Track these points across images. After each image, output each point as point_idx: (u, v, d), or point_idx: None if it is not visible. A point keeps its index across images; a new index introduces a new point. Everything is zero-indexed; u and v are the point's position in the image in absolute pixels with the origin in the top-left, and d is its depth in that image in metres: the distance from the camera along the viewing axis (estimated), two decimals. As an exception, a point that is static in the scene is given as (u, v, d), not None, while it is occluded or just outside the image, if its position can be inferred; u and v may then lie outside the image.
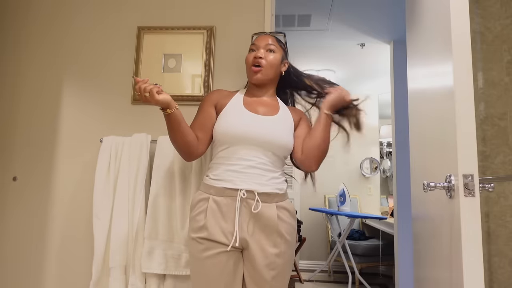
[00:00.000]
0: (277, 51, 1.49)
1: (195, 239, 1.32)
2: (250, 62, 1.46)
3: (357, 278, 3.98)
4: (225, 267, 1.29)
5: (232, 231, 1.29)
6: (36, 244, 1.87)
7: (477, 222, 1.03)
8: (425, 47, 1.48)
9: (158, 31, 1.95)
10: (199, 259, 1.30)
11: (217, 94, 1.51)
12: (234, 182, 1.33)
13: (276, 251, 1.31)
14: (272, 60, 1.46)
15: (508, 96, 1.95)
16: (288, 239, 1.35)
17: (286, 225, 1.35)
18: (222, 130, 1.38)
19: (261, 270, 1.29)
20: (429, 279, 1.41)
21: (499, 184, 1.90)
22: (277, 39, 1.53)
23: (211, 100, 1.49)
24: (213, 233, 1.29)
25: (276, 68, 1.48)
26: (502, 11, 2.01)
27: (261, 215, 1.32)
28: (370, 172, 5.03)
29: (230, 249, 1.29)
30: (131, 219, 1.69)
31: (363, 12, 2.88)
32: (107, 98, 1.94)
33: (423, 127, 1.53)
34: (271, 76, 1.48)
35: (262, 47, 1.47)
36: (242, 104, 1.45)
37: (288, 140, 1.40)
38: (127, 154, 1.75)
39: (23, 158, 1.94)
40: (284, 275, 1.34)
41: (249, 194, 1.32)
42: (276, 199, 1.36)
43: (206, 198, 1.35)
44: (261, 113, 1.43)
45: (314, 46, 3.58)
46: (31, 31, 2.04)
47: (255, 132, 1.35)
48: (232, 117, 1.39)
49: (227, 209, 1.31)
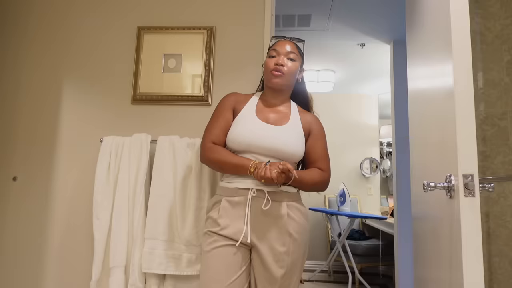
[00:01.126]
0: (297, 59, 1.49)
1: (206, 232, 1.39)
2: (271, 67, 1.46)
3: (357, 278, 3.98)
4: (230, 260, 1.31)
5: (242, 229, 1.33)
6: (36, 244, 1.87)
7: (477, 222, 1.03)
8: (425, 47, 1.48)
9: (158, 31, 1.95)
10: (206, 252, 1.35)
11: (234, 97, 1.53)
12: (246, 182, 1.37)
13: (284, 249, 1.33)
14: (292, 68, 1.47)
15: (508, 96, 1.95)
16: (297, 238, 1.36)
17: (296, 224, 1.37)
18: (231, 138, 1.42)
19: (270, 267, 1.32)
20: (429, 279, 1.41)
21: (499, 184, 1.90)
22: (296, 46, 1.52)
23: (229, 105, 1.51)
24: (224, 228, 1.34)
25: (294, 76, 1.50)
26: (502, 11, 2.01)
27: (271, 213, 1.35)
28: (370, 172, 5.03)
29: (239, 245, 1.33)
30: (131, 219, 1.70)
31: (363, 12, 2.88)
32: (107, 98, 1.95)
33: (423, 127, 1.53)
34: (289, 83, 1.49)
35: (284, 54, 1.47)
36: (254, 111, 1.48)
37: (295, 149, 1.41)
38: (127, 154, 1.75)
39: (23, 158, 1.94)
40: (293, 274, 1.35)
41: (259, 193, 1.36)
42: (287, 198, 1.38)
43: (219, 199, 1.41)
44: (271, 122, 1.45)
45: (314, 46, 3.58)
46: (32, 32, 2.04)
47: (263, 141, 1.38)
48: (242, 125, 1.42)
49: (239, 208, 1.36)
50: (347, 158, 5.08)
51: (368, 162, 5.06)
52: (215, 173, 1.71)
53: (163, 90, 1.91)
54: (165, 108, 1.91)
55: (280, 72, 1.45)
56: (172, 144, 1.73)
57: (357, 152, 5.10)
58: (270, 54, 1.50)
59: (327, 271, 4.57)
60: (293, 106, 1.54)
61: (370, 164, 5.05)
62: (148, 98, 1.90)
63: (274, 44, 1.53)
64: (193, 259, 1.62)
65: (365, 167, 5.05)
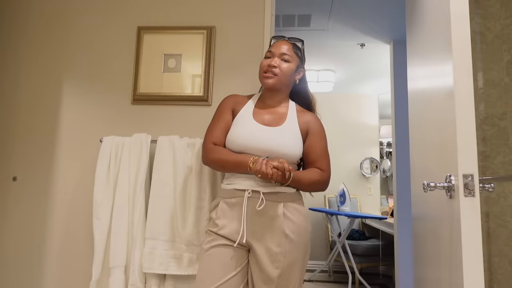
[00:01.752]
0: (292, 60, 1.49)
1: (207, 231, 1.43)
2: (263, 69, 1.47)
3: (357, 278, 3.98)
4: (226, 260, 1.33)
5: (239, 229, 1.34)
6: (36, 244, 1.87)
7: (477, 222, 1.02)
8: (425, 47, 1.48)
9: (158, 31, 1.95)
10: (205, 250, 1.38)
11: (233, 99, 1.55)
12: (242, 184, 1.39)
13: (280, 249, 1.33)
14: (285, 69, 1.47)
15: (508, 96, 1.95)
16: (294, 239, 1.35)
17: (293, 224, 1.36)
18: (230, 140, 1.44)
19: (266, 268, 1.32)
20: (429, 279, 1.41)
21: (499, 184, 1.90)
22: (294, 46, 1.52)
23: (229, 106, 1.53)
24: (222, 229, 1.36)
25: (289, 77, 1.49)
26: (502, 11, 2.01)
27: (266, 214, 1.35)
28: (370, 172, 5.03)
29: (237, 245, 1.35)
30: (131, 219, 1.70)
31: (363, 12, 2.88)
32: (107, 98, 1.95)
33: (423, 127, 1.53)
34: (283, 84, 1.49)
35: (277, 56, 1.48)
36: (251, 113, 1.48)
37: (291, 150, 1.41)
38: (127, 154, 1.75)
39: (23, 158, 1.94)
40: (291, 276, 1.34)
41: (256, 193, 1.36)
42: (285, 199, 1.38)
43: (219, 201, 1.44)
44: (267, 123, 1.46)
45: (314, 46, 3.58)
46: (32, 32, 2.04)
47: (259, 142, 1.39)
48: (239, 127, 1.44)
49: (236, 209, 1.38)
50: (347, 158, 5.08)
51: (368, 162, 5.06)
52: (215, 173, 1.71)
53: (163, 90, 1.91)
54: (165, 108, 1.91)
55: (272, 74, 1.45)
56: (172, 144, 1.73)
57: (357, 152, 5.10)
58: (266, 55, 1.51)
59: (327, 271, 4.56)
60: (292, 106, 1.54)
61: (370, 164, 5.05)
62: (148, 98, 1.90)
63: (271, 45, 1.54)
64: (194, 259, 1.62)
65: (365, 167, 5.05)
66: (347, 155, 5.08)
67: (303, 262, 1.38)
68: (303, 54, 1.57)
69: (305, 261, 1.39)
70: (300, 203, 1.44)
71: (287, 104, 1.54)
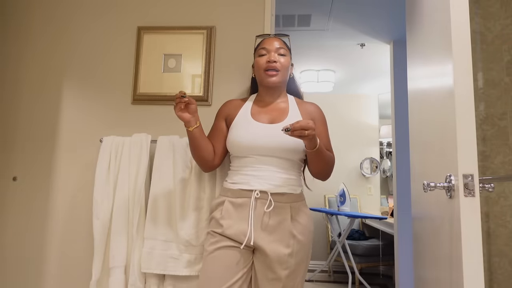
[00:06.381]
0: (287, 54, 1.49)
1: (209, 232, 1.39)
2: (264, 66, 1.45)
3: (357, 278, 3.98)
4: (231, 262, 1.31)
5: (246, 231, 1.32)
6: (36, 244, 1.87)
7: (477, 222, 1.02)
8: (425, 47, 1.48)
9: (158, 31, 1.95)
10: (209, 252, 1.34)
11: (227, 106, 1.56)
12: (249, 184, 1.38)
13: (289, 251, 1.33)
14: (285, 63, 1.47)
15: (508, 96, 1.95)
16: (301, 240, 1.35)
17: (300, 226, 1.36)
18: (230, 143, 1.43)
19: (275, 269, 1.31)
20: (429, 279, 1.41)
21: (499, 184, 1.90)
22: (283, 42, 1.52)
23: (222, 114, 1.55)
24: (228, 230, 1.34)
25: (288, 71, 1.50)
26: (502, 11, 2.01)
27: (274, 215, 1.35)
28: (370, 172, 5.03)
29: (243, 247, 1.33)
30: (131, 219, 1.69)
31: (363, 12, 2.88)
32: (107, 98, 1.95)
33: (423, 127, 1.53)
34: (285, 79, 1.49)
35: (274, 51, 1.46)
36: (249, 114, 1.47)
37: (295, 144, 1.39)
38: (127, 154, 1.75)
39: (23, 158, 1.94)
40: (297, 274, 1.35)
41: (263, 194, 1.36)
42: (291, 200, 1.38)
43: (223, 201, 1.41)
44: (268, 121, 1.45)
45: (314, 46, 3.58)
46: (31, 32, 2.04)
47: (262, 141, 1.38)
48: (239, 129, 1.43)
49: (242, 209, 1.36)
50: (347, 158, 5.08)
51: (368, 162, 5.06)
52: (215, 173, 1.71)
53: (163, 90, 1.91)
54: (165, 108, 1.91)
55: (274, 69, 1.44)
56: (172, 144, 1.73)
57: (357, 152, 5.10)
58: (260, 53, 1.48)
59: (327, 271, 4.56)
60: (291, 99, 1.54)
61: (370, 164, 5.05)
62: (148, 98, 1.90)
63: (260, 43, 1.52)
64: (192, 259, 1.62)
65: (365, 167, 5.05)
66: (347, 155, 5.08)
67: (307, 261, 1.40)
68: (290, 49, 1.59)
69: (308, 259, 1.41)
70: (305, 204, 1.45)
71: (286, 99, 1.54)
